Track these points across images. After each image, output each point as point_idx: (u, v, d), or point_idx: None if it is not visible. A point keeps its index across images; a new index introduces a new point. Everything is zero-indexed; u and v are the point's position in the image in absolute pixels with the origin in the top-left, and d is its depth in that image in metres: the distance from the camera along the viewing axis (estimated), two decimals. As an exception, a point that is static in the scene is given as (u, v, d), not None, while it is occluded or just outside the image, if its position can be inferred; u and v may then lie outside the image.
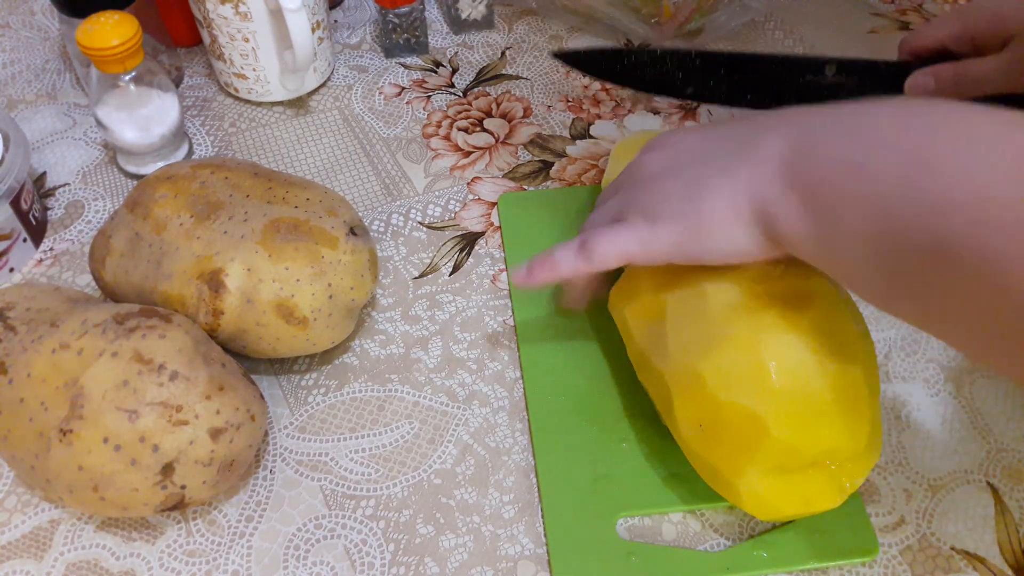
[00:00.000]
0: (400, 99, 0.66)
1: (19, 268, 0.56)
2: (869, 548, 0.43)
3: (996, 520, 0.44)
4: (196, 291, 0.45)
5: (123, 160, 0.61)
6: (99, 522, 0.45)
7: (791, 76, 0.54)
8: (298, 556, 0.44)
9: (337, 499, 0.46)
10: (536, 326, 0.52)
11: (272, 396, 0.50)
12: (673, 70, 0.55)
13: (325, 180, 0.61)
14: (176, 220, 0.47)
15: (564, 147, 0.63)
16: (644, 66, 0.56)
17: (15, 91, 0.67)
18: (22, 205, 0.54)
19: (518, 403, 0.49)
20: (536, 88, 0.67)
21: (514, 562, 0.43)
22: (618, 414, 0.48)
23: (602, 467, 0.46)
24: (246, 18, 0.59)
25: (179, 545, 0.44)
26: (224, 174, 0.49)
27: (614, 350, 0.50)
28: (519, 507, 0.45)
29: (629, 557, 0.42)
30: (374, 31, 0.72)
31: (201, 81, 0.68)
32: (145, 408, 0.39)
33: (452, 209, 0.59)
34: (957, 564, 0.43)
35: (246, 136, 0.64)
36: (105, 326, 0.41)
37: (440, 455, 0.47)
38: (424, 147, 0.63)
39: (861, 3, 0.74)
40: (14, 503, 0.46)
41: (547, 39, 0.71)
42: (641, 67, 0.56)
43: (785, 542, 0.43)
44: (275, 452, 0.47)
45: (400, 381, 0.50)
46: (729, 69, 0.55)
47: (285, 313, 0.45)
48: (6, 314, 0.44)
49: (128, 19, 0.53)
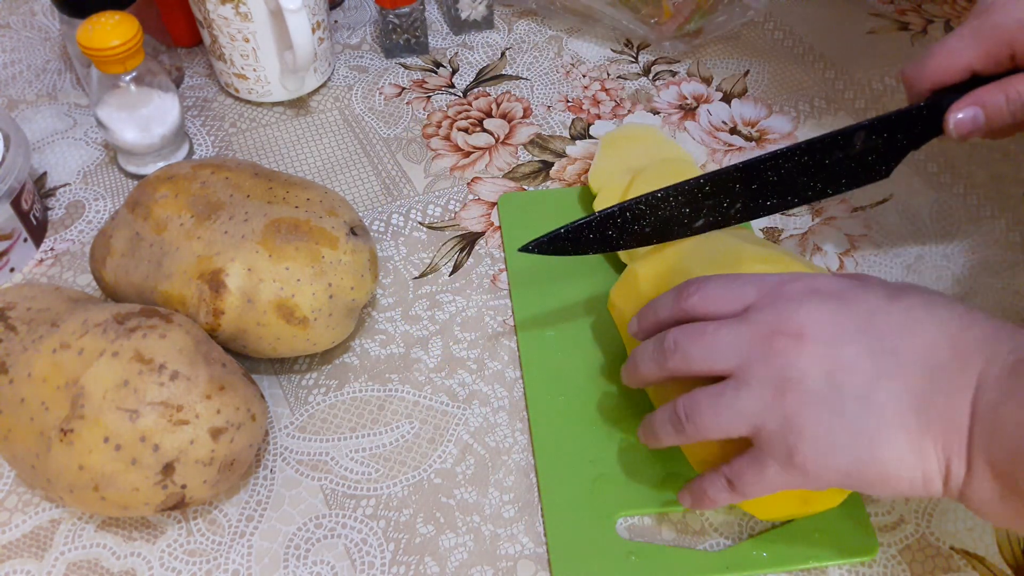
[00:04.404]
0: (400, 99, 0.66)
1: (20, 268, 0.56)
2: (869, 548, 0.43)
3: (995, 520, 0.44)
4: (197, 291, 0.45)
5: (123, 160, 0.61)
6: (99, 522, 0.45)
7: (817, 161, 0.45)
8: (298, 556, 0.44)
9: (337, 499, 0.46)
10: (536, 326, 0.52)
11: (272, 396, 0.50)
12: (679, 208, 0.45)
13: (325, 180, 0.61)
14: (177, 220, 0.47)
15: (564, 147, 0.63)
16: (642, 216, 0.45)
17: (16, 91, 0.67)
18: (23, 205, 0.54)
19: (518, 403, 0.49)
20: (536, 88, 0.67)
21: (514, 561, 0.43)
22: (618, 414, 0.48)
23: (602, 467, 0.46)
24: (246, 18, 0.59)
25: (179, 545, 0.44)
26: (224, 174, 0.49)
27: (614, 350, 0.50)
28: (519, 507, 0.45)
29: (629, 557, 0.42)
30: (374, 31, 0.72)
31: (201, 81, 0.68)
32: (146, 408, 0.39)
33: (452, 209, 0.59)
34: (956, 564, 0.43)
35: (246, 136, 0.64)
36: (106, 326, 0.41)
37: (440, 455, 0.47)
38: (424, 147, 0.63)
39: (861, 3, 0.74)
40: (15, 503, 0.46)
41: (547, 39, 0.71)
42: (639, 218, 0.45)
43: (785, 542, 0.43)
44: (275, 452, 0.47)
45: (400, 381, 0.50)
46: (745, 182, 0.45)
47: (285, 313, 0.45)
48: (7, 314, 0.44)
49: (128, 19, 0.53)
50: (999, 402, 0.32)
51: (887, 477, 0.34)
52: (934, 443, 0.33)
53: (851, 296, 0.37)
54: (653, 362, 0.40)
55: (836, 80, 0.67)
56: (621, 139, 0.58)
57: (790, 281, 0.38)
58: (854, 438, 0.34)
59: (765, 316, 0.37)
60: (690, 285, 0.40)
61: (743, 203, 0.46)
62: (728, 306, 0.39)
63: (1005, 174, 0.60)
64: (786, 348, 0.36)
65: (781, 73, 0.68)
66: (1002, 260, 0.55)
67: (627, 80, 0.67)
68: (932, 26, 0.72)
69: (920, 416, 0.33)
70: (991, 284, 0.54)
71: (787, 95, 0.66)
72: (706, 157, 0.62)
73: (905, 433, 0.34)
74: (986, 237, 0.56)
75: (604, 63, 0.69)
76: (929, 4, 0.74)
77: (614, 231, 0.45)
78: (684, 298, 0.40)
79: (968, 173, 0.60)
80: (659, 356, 0.39)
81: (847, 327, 0.35)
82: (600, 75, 0.68)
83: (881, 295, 0.37)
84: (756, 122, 0.64)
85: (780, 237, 0.57)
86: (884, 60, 0.69)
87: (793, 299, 0.37)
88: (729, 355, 0.37)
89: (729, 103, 0.66)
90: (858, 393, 0.34)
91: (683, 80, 0.67)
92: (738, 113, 0.65)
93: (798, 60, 0.69)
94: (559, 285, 0.53)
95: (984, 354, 0.33)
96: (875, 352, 0.35)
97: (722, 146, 0.63)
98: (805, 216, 0.58)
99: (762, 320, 0.37)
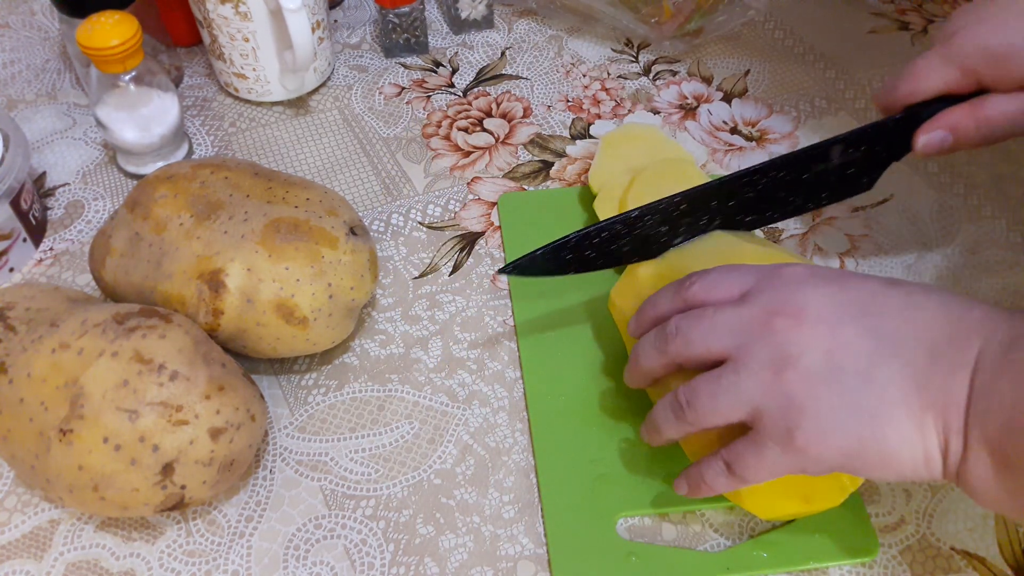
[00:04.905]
0: (400, 99, 0.66)
1: (19, 268, 0.56)
2: (869, 548, 0.43)
3: (996, 520, 0.44)
4: (196, 291, 0.45)
5: (123, 160, 0.61)
6: (99, 522, 0.45)
7: (795, 176, 0.46)
8: (298, 556, 0.44)
9: (337, 499, 0.46)
10: (536, 326, 0.52)
11: (272, 396, 0.50)
12: (656, 226, 0.45)
13: (325, 180, 0.61)
14: (176, 220, 0.47)
15: (564, 147, 0.63)
16: (619, 236, 0.45)
17: (15, 91, 0.67)
18: (22, 205, 0.54)
19: (518, 403, 0.49)
20: (536, 88, 0.67)
21: (514, 562, 0.43)
22: (618, 414, 0.48)
23: (602, 467, 0.46)
24: (246, 18, 0.59)
25: (179, 545, 0.44)
26: (224, 174, 0.49)
27: (614, 350, 0.50)
28: (519, 507, 0.45)
29: (629, 557, 0.42)
30: (374, 31, 0.72)
31: (201, 81, 0.68)
32: (145, 408, 0.39)
33: (452, 209, 0.59)
34: (957, 564, 0.43)
35: (246, 136, 0.64)
36: (105, 326, 0.41)
37: (440, 455, 0.47)
38: (424, 147, 0.63)
39: (861, 3, 0.74)
40: (14, 503, 0.46)
41: (547, 39, 0.71)
42: (617, 238, 0.45)
43: (785, 542, 0.43)
44: (275, 452, 0.47)
45: (400, 381, 0.50)
46: (722, 199, 0.45)
47: (285, 313, 0.45)
48: (6, 314, 0.44)
49: (128, 19, 0.53)
50: (993, 378, 0.32)
51: (888, 457, 0.34)
52: (934, 421, 0.33)
53: (851, 281, 0.37)
54: (655, 350, 0.40)
55: (837, 80, 0.67)
56: (621, 139, 0.58)
57: (790, 266, 0.39)
58: (855, 416, 0.34)
59: (764, 298, 0.37)
60: (691, 276, 0.41)
61: (722, 220, 0.46)
62: (728, 292, 0.39)
63: (1005, 174, 0.60)
64: (785, 327, 0.36)
65: (782, 73, 0.68)
66: (1002, 260, 0.55)
67: (627, 80, 0.67)
68: (932, 26, 0.72)
69: (921, 394, 0.33)
70: (991, 284, 0.54)
71: (787, 95, 0.66)
72: (706, 157, 0.62)
73: (907, 410, 0.33)
74: (986, 237, 0.56)
75: (604, 63, 0.69)
76: (930, 4, 0.74)
77: (592, 251, 0.45)
78: (685, 288, 0.40)
79: (968, 173, 0.60)
80: (661, 343, 0.39)
81: (847, 308, 0.36)
82: (600, 75, 0.68)
83: (880, 280, 0.37)
84: (756, 122, 0.64)
85: (780, 237, 0.57)
86: (885, 60, 0.69)
87: (793, 282, 0.37)
88: (728, 337, 0.37)
89: (729, 103, 0.66)
90: (859, 371, 0.34)
91: (683, 80, 0.67)
92: (738, 113, 0.65)
93: (799, 60, 0.69)
94: (559, 285, 0.53)
95: (983, 333, 0.33)
96: (875, 332, 0.35)
97: (722, 146, 0.63)
98: (805, 216, 0.58)
99: (761, 302, 0.37)
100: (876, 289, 0.36)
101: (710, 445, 0.39)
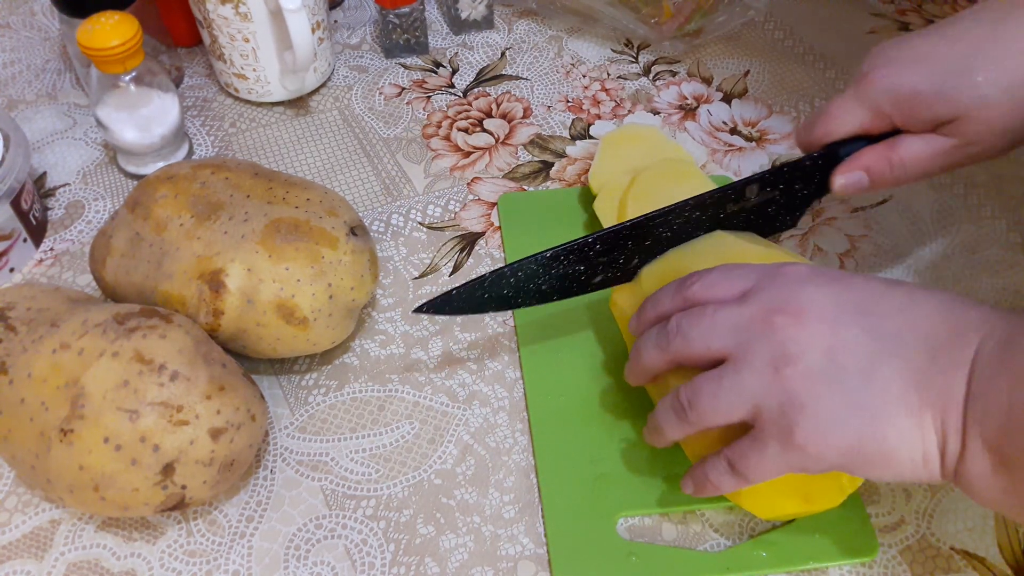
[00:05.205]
0: (400, 99, 0.66)
1: (19, 268, 0.56)
2: (869, 548, 0.43)
3: (996, 520, 0.44)
4: (196, 291, 0.45)
5: (123, 160, 0.61)
6: (99, 522, 0.45)
7: (711, 215, 0.45)
8: (299, 556, 0.44)
9: (337, 499, 0.46)
10: (536, 326, 0.52)
11: (272, 396, 0.50)
12: (573, 265, 0.45)
13: (325, 180, 0.61)
14: (176, 220, 0.47)
15: (564, 147, 0.63)
16: (536, 275, 0.44)
17: (15, 91, 0.67)
18: (22, 205, 0.54)
19: (518, 403, 0.49)
20: (536, 88, 0.67)
21: (514, 562, 0.43)
22: (618, 414, 0.48)
23: (602, 467, 0.46)
24: (246, 18, 0.59)
25: (179, 545, 0.44)
26: (224, 174, 0.49)
27: (614, 350, 0.50)
28: (519, 507, 0.45)
29: (629, 557, 0.42)
30: (374, 31, 0.72)
31: (201, 81, 0.68)
32: (146, 408, 0.39)
33: (452, 209, 0.59)
34: (957, 564, 0.43)
35: (246, 136, 0.64)
36: (106, 326, 0.41)
37: (440, 455, 0.47)
38: (424, 147, 0.63)
39: (861, 3, 0.74)
40: (14, 503, 0.46)
41: (547, 39, 0.71)
42: (534, 277, 0.44)
43: (785, 542, 0.43)
44: (275, 452, 0.47)
45: (400, 381, 0.50)
46: (637, 239, 0.45)
47: (285, 313, 0.45)
48: (6, 314, 0.44)
49: (128, 19, 0.53)
50: (991, 377, 0.32)
51: (888, 455, 0.34)
52: (933, 420, 0.33)
53: (852, 280, 0.37)
54: (656, 348, 0.40)
55: (836, 80, 0.67)
56: (621, 139, 0.58)
57: (791, 265, 0.39)
58: (856, 413, 0.34)
59: (765, 297, 0.37)
60: (692, 275, 0.41)
61: (640, 258, 0.46)
62: (729, 291, 0.39)
63: (1005, 174, 0.60)
64: (786, 326, 0.36)
65: (781, 73, 0.68)
66: (1002, 260, 0.55)
67: (627, 80, 0.67)
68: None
69: (920, 393, 0.34)
70: (991, 284, 0.54)
71: (787, 95, 0.66)
72: (706, 157, 0.62)
73: (906, 408, 0.34)
74: (986, 237, 0.56)
75: (604, 63, 0.69)
76: (929, 4, 0.74)
77: (509, 290, 0.45)
78: (686, 287, 0.40)
79: (968, 173, 0.60)
80: (662, 341, 0.40)
81: (848, 308, 0.36)
82: (600, 75, 0.68)
83: (881, 281, 0.37)
84: (756, 122, 0.64)
85: (781, 238, 0.57)
86: (884, 60, 0.69)
87: (794, 281, 0.37)
88: (728, 335, 0.37)
89: (729, 103, 0.66)
90: (859, 369, 0.34)
91: (683, 80, 0.67)
92: (738, 113, 0.65)
93: (799, 60, 0.69)
94: None
95: (981, 333, 0.33)
96: (876, 331, 0.35)
97: (722, 146, 0.63)
98: (805, 217, 0.58)
99: (762, 301, 0.37)
100: (877, 289, 0.36)
101: (710, 445, 0.39)
